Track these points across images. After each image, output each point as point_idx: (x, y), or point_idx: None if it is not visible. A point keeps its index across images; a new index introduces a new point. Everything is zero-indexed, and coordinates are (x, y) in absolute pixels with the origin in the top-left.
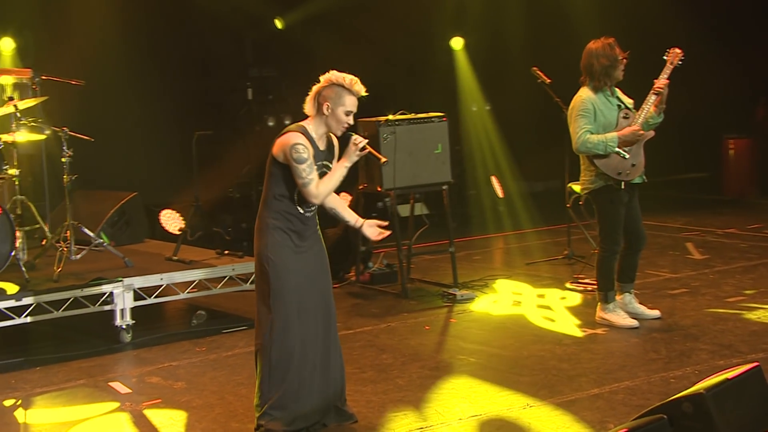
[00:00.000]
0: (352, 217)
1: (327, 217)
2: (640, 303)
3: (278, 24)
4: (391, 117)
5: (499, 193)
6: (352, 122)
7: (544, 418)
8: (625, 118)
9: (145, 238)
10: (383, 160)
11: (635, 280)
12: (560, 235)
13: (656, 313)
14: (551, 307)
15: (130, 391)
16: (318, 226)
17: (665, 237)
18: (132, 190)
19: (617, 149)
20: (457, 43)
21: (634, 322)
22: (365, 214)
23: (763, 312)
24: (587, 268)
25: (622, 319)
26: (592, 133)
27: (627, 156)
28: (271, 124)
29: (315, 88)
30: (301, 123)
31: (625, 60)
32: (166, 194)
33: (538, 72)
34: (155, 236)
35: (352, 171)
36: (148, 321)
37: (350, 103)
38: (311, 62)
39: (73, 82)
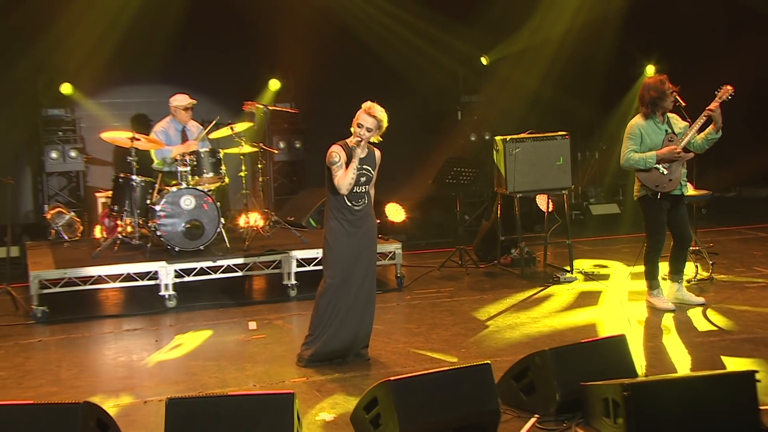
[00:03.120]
0: None
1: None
2: (689, 290)
3: (484, 60)
4: (517, 136)
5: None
6: (362, 135)
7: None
8: (669, 141)
9: None
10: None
11: (683, 272)
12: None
13: (701, 300)
14: (617, 295)
15: (255, 328)
16: (371, 218)
17: None
18: None
19: (656, 165)
20: (650, 69)
21: (671, 306)
22: (504, 212)
23: None
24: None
25: (662, 302)
26: (635, 152)
27: (665, 172)
28: (473, 138)
29: None
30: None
31: (674, 93)
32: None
33: (676, 95)
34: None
35: (489, 177)
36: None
37: (360, 117)
38: (509, 90)
39: (290, 110)
